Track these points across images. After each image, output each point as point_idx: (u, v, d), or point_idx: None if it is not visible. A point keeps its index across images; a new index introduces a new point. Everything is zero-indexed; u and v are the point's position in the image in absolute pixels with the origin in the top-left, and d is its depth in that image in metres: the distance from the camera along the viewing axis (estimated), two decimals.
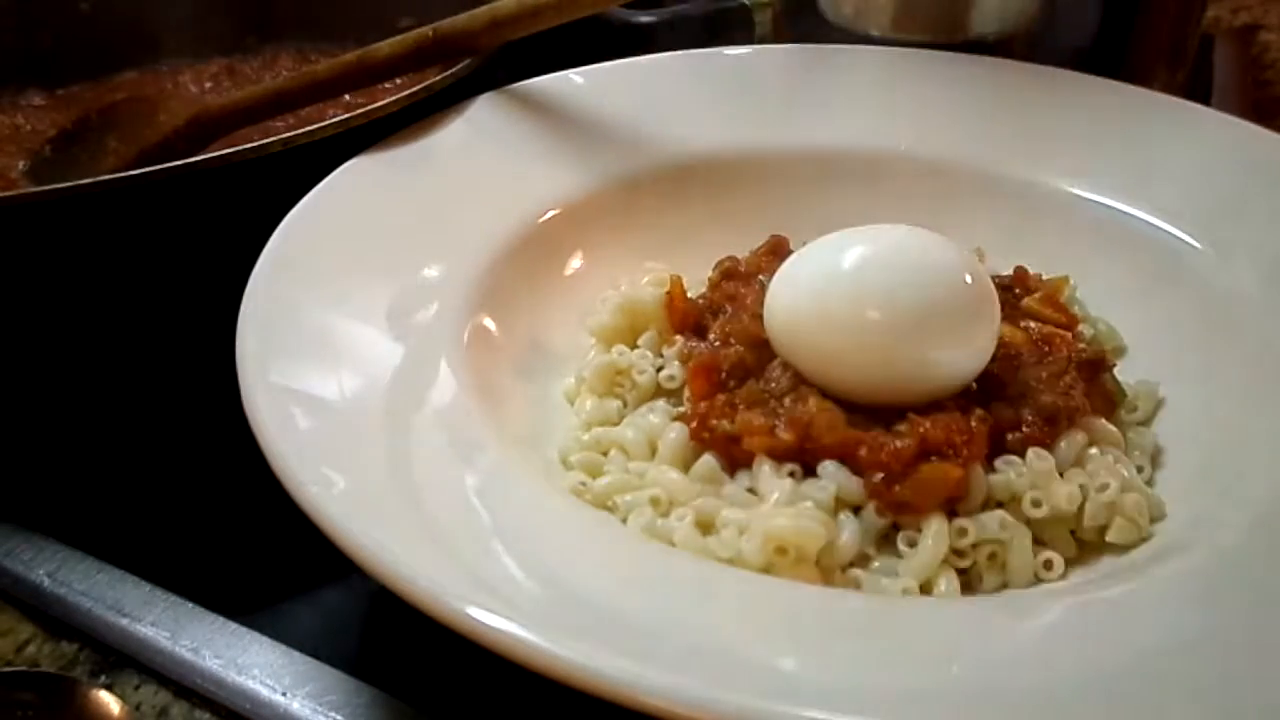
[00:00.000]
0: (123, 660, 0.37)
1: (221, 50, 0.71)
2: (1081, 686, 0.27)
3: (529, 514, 0.33)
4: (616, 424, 0.41)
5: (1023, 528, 0.35)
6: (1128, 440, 0.39)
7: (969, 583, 0.35)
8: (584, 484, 0.37)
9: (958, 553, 0.35)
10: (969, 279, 0.38)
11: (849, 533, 0.35)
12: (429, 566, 0.29)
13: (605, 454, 0.39)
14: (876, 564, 0.35)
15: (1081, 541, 0.36)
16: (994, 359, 0.39)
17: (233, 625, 0.37)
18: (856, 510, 0.35)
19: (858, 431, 0.36)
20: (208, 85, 0.68)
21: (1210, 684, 0.27)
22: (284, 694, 0.35)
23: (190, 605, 0.38)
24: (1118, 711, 0.26)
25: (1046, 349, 0.40)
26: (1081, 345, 0.41)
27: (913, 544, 0.35)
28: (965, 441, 0.35)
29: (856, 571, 0.35)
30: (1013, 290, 0.44)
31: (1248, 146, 0.49)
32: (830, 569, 0.34)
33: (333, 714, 0.35)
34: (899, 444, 0.35)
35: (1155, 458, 0.40)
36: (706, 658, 0.28)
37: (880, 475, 0.35)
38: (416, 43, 0.53)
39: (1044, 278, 0.45)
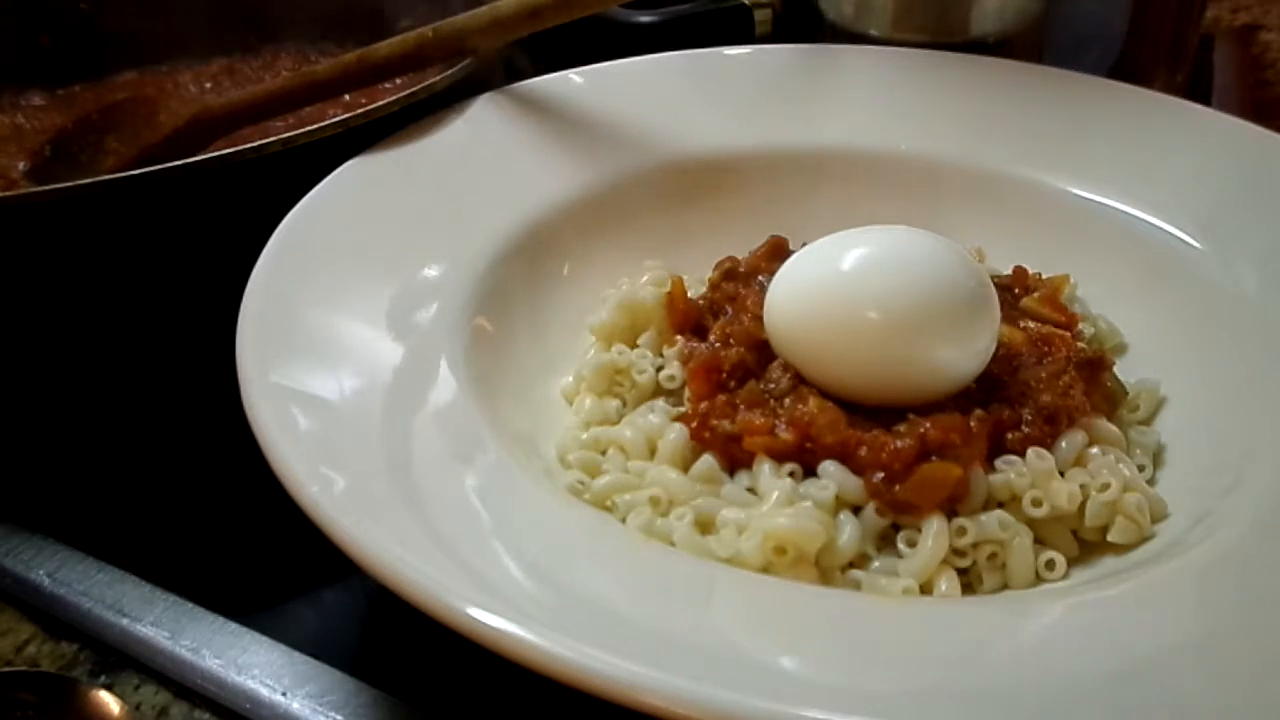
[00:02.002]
0: (123, 660, 0.37)
1: (221, 50, 0.71)
2: (1081, 686, 0.27)
3: (529, 514, 0.33)
4: (615, 423, 0.41)
5: (1023, 528, 0.35)
6: (1129, 439, 0.39)
7: (969, 583, 0.35)
8: (582, 483, 0.37)
9: (958, 552, 0.35)
10: (968, 279, 0.38)
11: (849, 533, 0.35)
12: (429, 566, 0.29)
13: (603, 453, 0.39)
14: (876, 564, 0.35)
15: (1084, 541, 0.36)
16: (993, 359, 0.39)
17: (233, 625, 0.37)
18: (856, 510, 0.35)
19: (858, 431, 0.36)
20: (208, 85, 0.68)
21: (1210, 684, 0.27)
22: (284, 694, 0.35)
23: (190, 605, 0.38)
24: (1118, 711, 0.26)
25: (1046, 349, 0.40)
26: (1081, 345, 0.41)
27: (912, 544, 0.35)
28: (965, 441, 0.35)
29: (856, 572, 0.35)
30: (1012, 290, 0.44)
31: (1248, 146, 0.49)
32: (830, 569, 0.34)
33: (333, 714, 0.35)
34: (899, 444, 0.35)
35: (1157, 456, 0.40)
36: (706, 658, 0.28)
37: (880, 475, 0.35)
38: (416, 43, 0.53)
39: (1043, 277, 0.45)
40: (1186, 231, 0.45)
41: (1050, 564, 0.35)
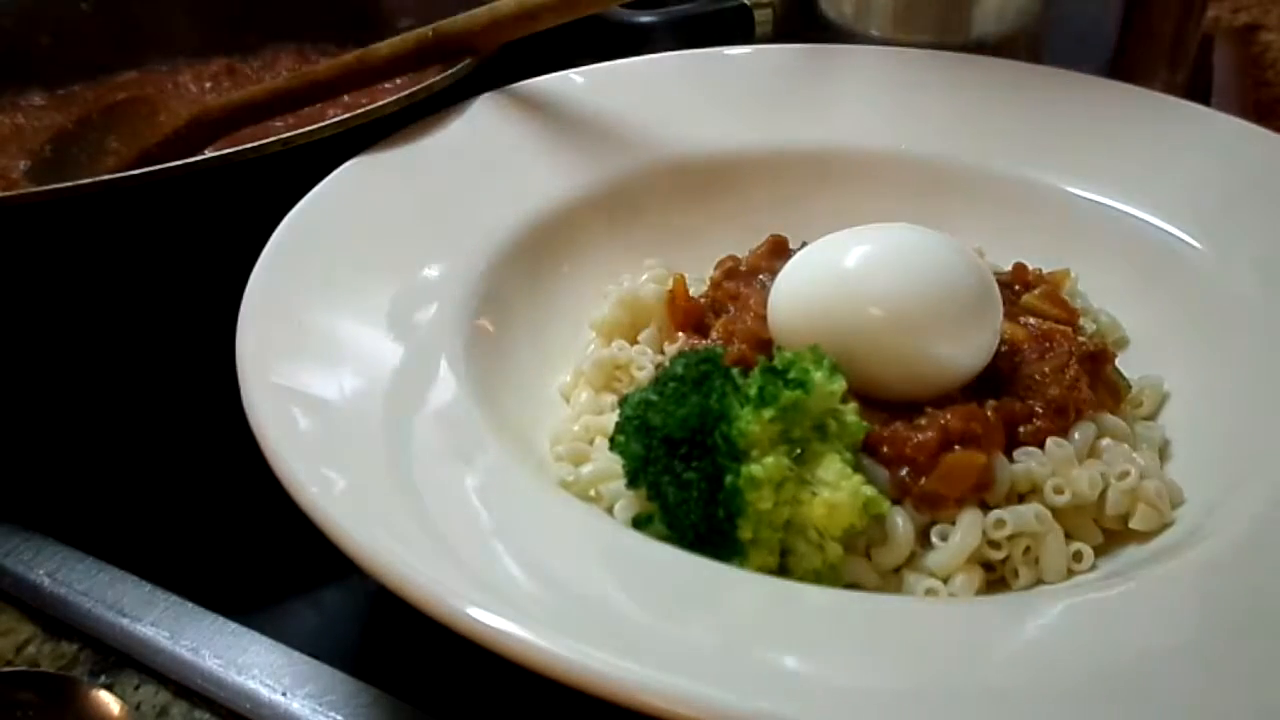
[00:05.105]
0: (123, 660, 0.37)
1: (221, 50, 0.71)
2: (1081, 686, 0.27)
3: (529, 513, 0.33)
4: None
5: (1055, 523, 0.35)
6: (1135, 434, 0.40)
7: (1002, 577, 0.35)
8: (572, 476, 0.37)
9: (994, 545, 0.35)
10: (971, 275, 0.38)
11: (901, 527, 0.35)
12: (429, 566, 0.29)
13: (591, 442, 0.39)
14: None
15: (1106, 532, 0.37)
16: (996, 355, 0.39)
17: (233, 625, 0.38)
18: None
19: (876, 427, 0.36)
20: (208, 85, 0.68)
21: (1210, 684, 0.27)
22: (284, 694, 0.35)
23: (190, 605, 0.38)
24: (1118, 712, 0.26)
25: (1047, 344, 0.40)
26: (1082, 339, 0.42)
27: (946, 539, 0.35)
28: (986, 430, 0.36)
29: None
30: (1012, 287, 0.44)
31: (1248, 146, 0.49)
32: (886, 569, 0.35)
33: (333, 714, 0.35)
34: (921, 437, 0.35)
35: (1162, 452, 0.40)
36: (706, 658, 0.28)
37: (906, 469, 0.35)
38: (416, 43, 0.53)
39: (1044, 272, 0.45)
40: (1186, 231, 0.45)
41: (1078, 555, 0.35)
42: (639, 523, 0.35)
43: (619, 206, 0.49)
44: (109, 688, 0.36)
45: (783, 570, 0.34)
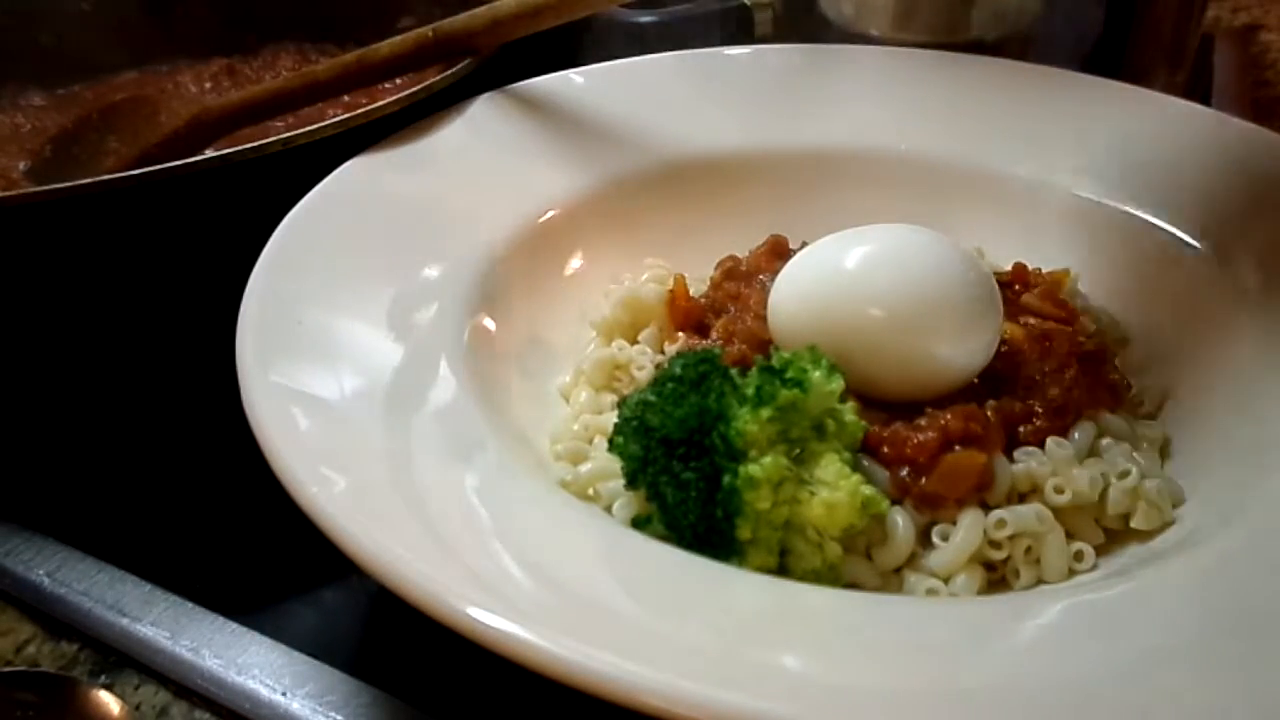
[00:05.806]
0: (123, 660, 0.37)
1: (221, 50, 0.71)
2: (1081, 686, 0.27)
3: (529, 513, 0.33)
4: None
5: (1056, 522, 0.35)
6: (1135, 433, 0.40)
7: (1003, 577, 0.35)
8: (571, 476, 0.37)
9: (994, 545, 0.35)
10: (970, 276, 0.38)
11: (902, 527, 0.35)
12: (429, 566, 0.29)
13: (590, 441, 0.39)
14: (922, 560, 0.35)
15: (1107, 531, 0.37)
16: (995, 355, 0.39)
17: (233, 625, 0.38)
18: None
19: (876, 427, 0.36)
20: (208, 85, 0.68)
21: (1210, 684, 0.27)
22: (284, 694, 0.35)
23: (190, 605, 0.38)
24: (1118, 711, 0.26)
25: (1047, 344, 0.40)
26: (1082, 339, 0.42)
27: (947, 538, 0.35)
28: (986, 429, 0.36)
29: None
30: (1012, 286, 0.44)
31: (1248, 146, 0.49)
32: (887, 569, 0.35)
33: (333, 714, 0.35)
34: (921, 437, 0.35)
35: (1164, 450, 0.40)
36: (706, 657, 0.28)
37: (906, 470, 0.35)
38: (416, 43, 0.53)
39: (1044, 272, 0.45)
40: (1186, 231, 0.45)
41: (1079, 555, 0.36)
42: (638, 523, 0.35)
43: (619, 206, 0.49)
44: (109, 688, 0.36)
45: (782, 570, 0.34)
